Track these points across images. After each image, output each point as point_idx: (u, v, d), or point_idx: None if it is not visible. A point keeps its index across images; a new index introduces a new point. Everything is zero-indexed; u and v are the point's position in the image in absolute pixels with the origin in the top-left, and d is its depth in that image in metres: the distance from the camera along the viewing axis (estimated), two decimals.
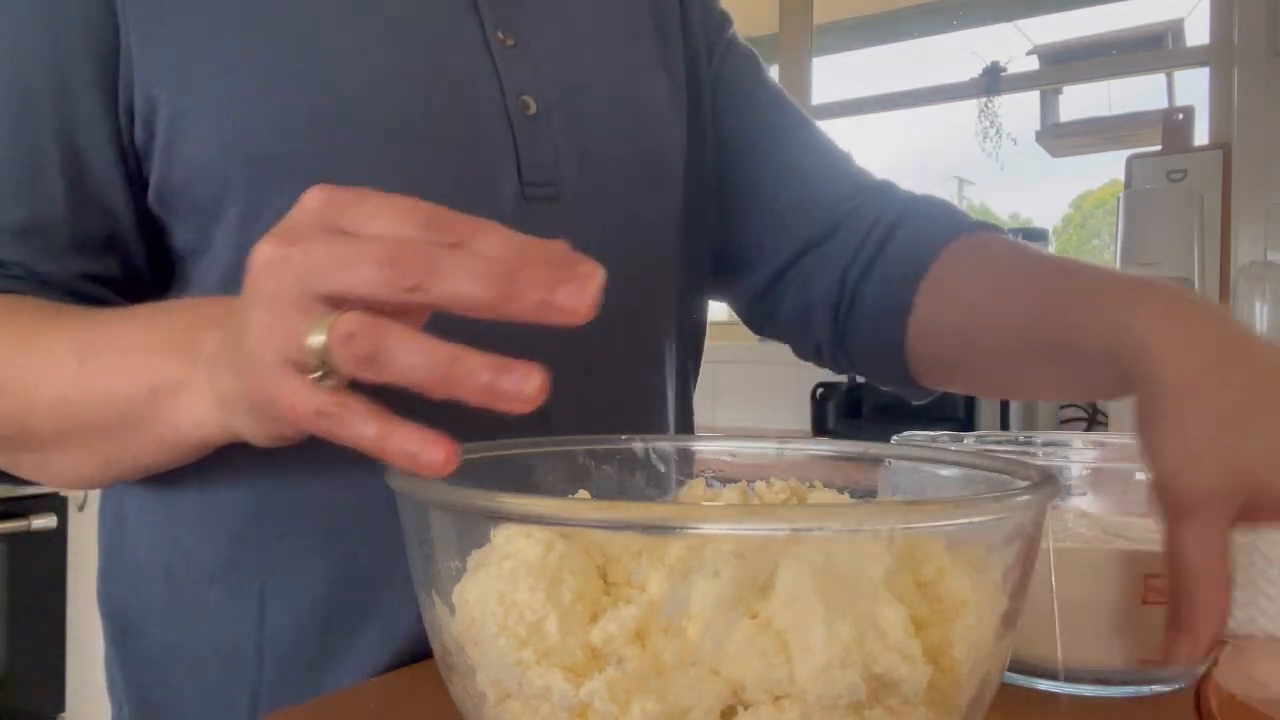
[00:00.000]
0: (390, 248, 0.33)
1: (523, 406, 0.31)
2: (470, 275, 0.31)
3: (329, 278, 0.33)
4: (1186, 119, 1.95)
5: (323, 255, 0.34)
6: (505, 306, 0.31)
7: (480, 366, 0.32)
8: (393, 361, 0.32)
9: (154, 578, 0.58)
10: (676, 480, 0.47)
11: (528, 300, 0.31)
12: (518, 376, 0.31)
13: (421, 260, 0.32)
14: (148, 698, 0.59)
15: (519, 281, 0.31)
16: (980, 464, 0.40)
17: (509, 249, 0.33)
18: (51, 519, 1.83)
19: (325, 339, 0.33)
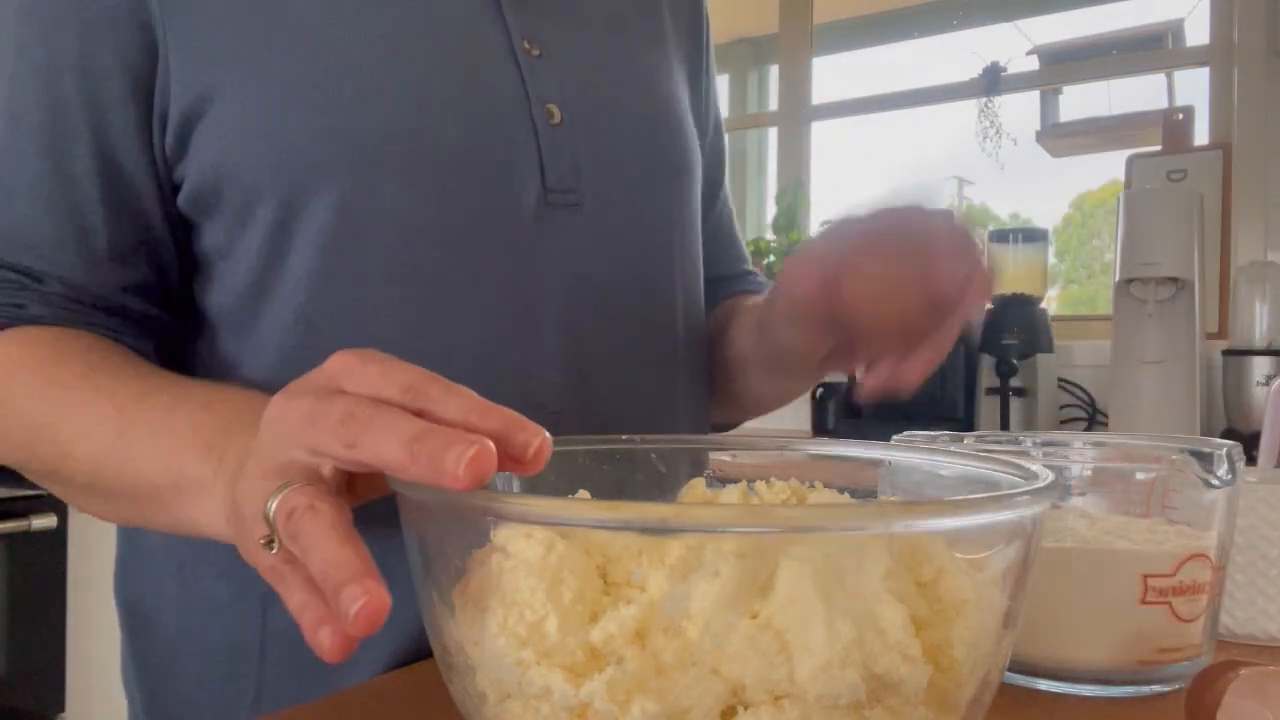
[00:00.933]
0: (350, 407, 0.34)
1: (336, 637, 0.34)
2: (392, 437, 0.33)
3: (303, 434, 0.35)
4: (1186, 119, 1.95)
5: (301, 415, 0.36)
6: (409, 469, 0.32)
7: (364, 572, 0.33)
8: (310, 551, 0.34)
9: (167, 572, 0.59)
10: (676, 480, 0.47)
11: (420, 464, 0.32)
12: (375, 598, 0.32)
13: (364, 420, 0.34)
14: (159, 690, 0.60)
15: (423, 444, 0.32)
16: (980, 464, 0.40)
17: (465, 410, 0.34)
18: (51, 519, 1.83)
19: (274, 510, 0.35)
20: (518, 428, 0.34)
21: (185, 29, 0.54)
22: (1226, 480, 0.46)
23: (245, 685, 0.56)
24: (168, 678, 0.60)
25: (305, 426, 0.35)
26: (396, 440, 0.33)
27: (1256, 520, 0.54)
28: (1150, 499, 0.49)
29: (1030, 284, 1.88)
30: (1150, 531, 0.48)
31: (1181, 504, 0.48)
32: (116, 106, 0.54)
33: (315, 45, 0.55)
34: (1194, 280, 1.61)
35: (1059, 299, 2.59)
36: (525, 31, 0.61)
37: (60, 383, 0.52)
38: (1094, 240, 2.79)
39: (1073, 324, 2.12)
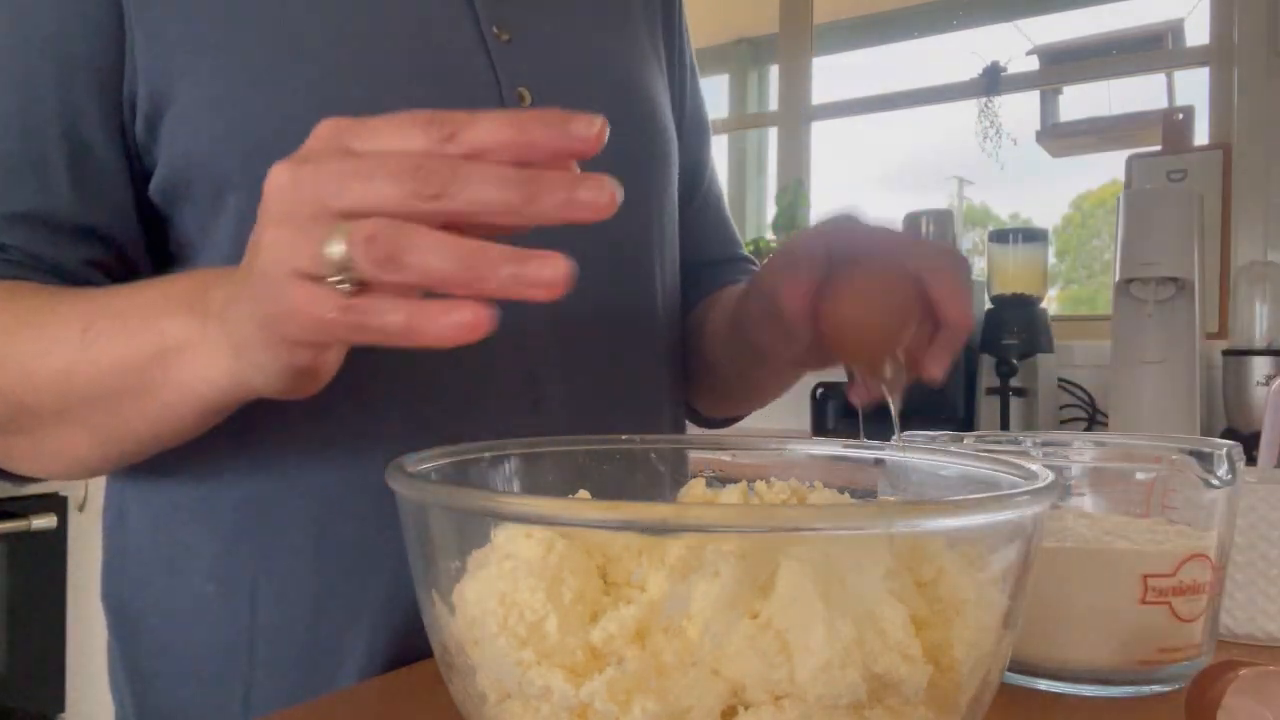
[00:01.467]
0: (411, 158, 0.33)
1: (548, 294, 0.32)
2: (493, 181, 0.32)
3: (347, 192, 0.34)
4: (1186, 119, 1.95)
5: (338, 172, 0.34)
6: (529, 208, 0.31)
7: (503, 258, 0.32)
8: (415, 259, 0.32)
9: (155, 572, 0.59)
10: (676, 480, 0.47)
11: (552, 200, 0.31)
12: (540, 263, 0.32)
13: (443, 169, 0.32)
14: (147, 691, 0.60)
15: (542, 183, 0.31)
16: (980, 464, 0.40)
17: (510, 127, 0.33)
18: (51, 519, 1.83)
19: (345, 246, 0.33)
20: (565, 119, 0.32)
21: (152, 15, 0.54)
22: (1226, 480, 0.46)
23: (234, 684, 0.56)
24: (157, 679, 0.59)
25: (355, 183, 0.33)
26: (502, 182, 0.31)
27: (1256, 520, 0.54)
28: (1150, 499, 0.49)
29: (1030, 284, 1.88)
30: (1150, 531, 0.48)
31: (1181, 504, 0.48)
32: (88, 90, 0.54)
33: (281, 30, 0.55)
34: (1194, 280, 1.61)
35: (1059, 299, 2.59)
36: (494, 17, 0.61)
37: (17, 312, 0.50)
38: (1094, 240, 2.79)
39: (1073, 324, 2.12)
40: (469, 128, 0.33)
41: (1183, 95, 2.10)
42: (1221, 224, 1.89)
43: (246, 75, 0.54)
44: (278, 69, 0.54)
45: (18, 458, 0.53)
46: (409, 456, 0.37)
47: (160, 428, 0.49)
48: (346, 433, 0.55)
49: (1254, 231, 1.87)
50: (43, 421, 0.51)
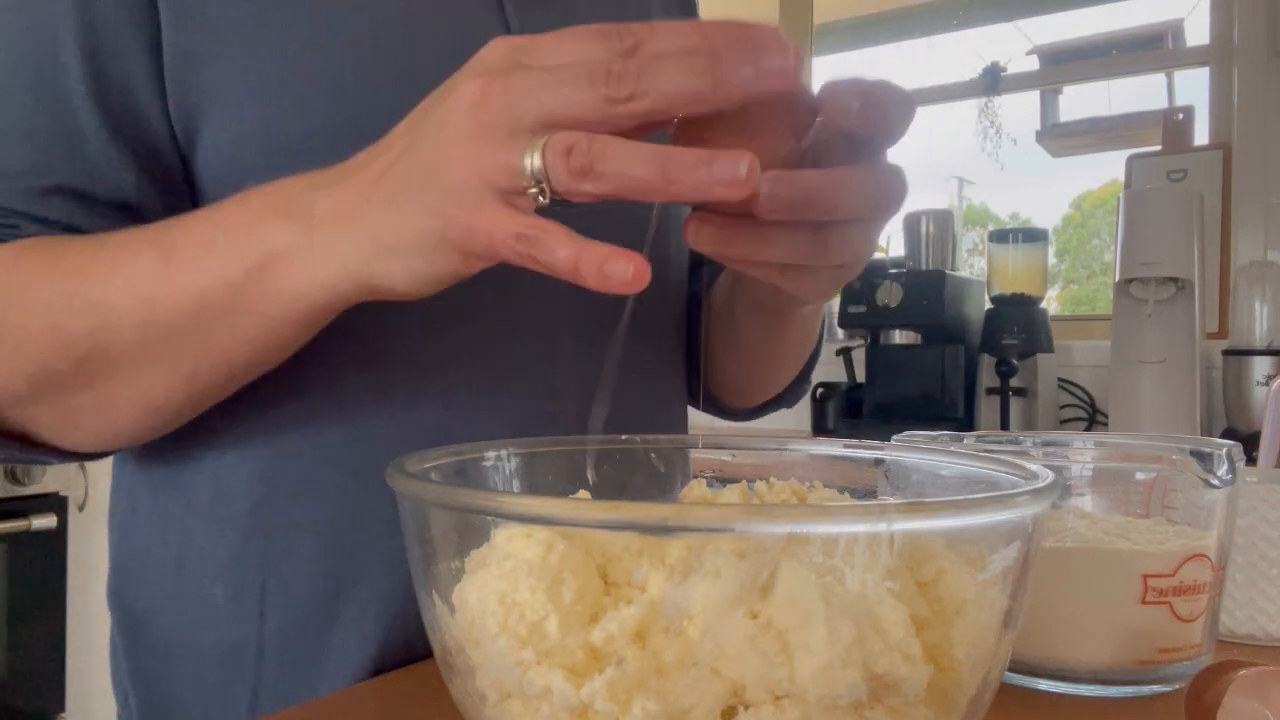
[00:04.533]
0: (599, 65, 0.33)
1: (738, 192, 0.33)
2: (679, 72, 0.32)
3: (539, 103, 0.34)
4: (1186, 119, 1.95)
5: (530, 84, 0.34)
6: (719, 91, 0.32)
7: (693, 161, 0.33)
8: (611, 168, 0.33)
9: (164, 571, 0.59)
10: (676, 480, 0.47)
11: (740, 76, 0.32)
12: (728, 163, 0.32)
13: (630, 70, 0.33)
14: (153, 690, 0.60)
15: (727, 62, 0.32)
16: (980, 464, 0.40)
17: (695, 34, 0.33)
18: (51, 519, 1.83)
19: (540, 157, 0.34)
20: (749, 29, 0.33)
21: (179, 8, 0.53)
22: (1226, 480, 0.46)
23: (241, 688, 0.56)
24: (163, 681, 0.59)
25: (548, 93, 0.34)
26: (689, 70, 0.32)
27: (1256, 520, 0.54)
28: (1150, 499, 0.49)
29: (1030, 284, 1.88)
30: (1150, 531, 0.48)
31: (1181, 504, 0.48)
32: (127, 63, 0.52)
33: (312, 31, 0.54)
34: (1194, 280, 1.61)
35: (1059, 299, 2.59)
36: (523, 24, 0.61)
37: (79, 252, 0.48)
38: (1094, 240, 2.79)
39: (1073, 324, 2.12)
40: (650, 39, 0.34)
41: (1183, 95, 2.11)
42: (1221, 224, 1.89)
43: (271, 74, 0.53)
44: (308, 69, 0.54)
45: (80, 418, 0.50)
46: (409, 456, 0.37)
47: (254, 348, 0.47)
48: (359, 439, 0.55)
49: (1254, 231, 1.87)
50: (118, 363, 0.48)
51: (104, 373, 0.48)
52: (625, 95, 0.33)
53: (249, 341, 0.47)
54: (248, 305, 0.45)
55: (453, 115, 0.37)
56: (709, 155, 0.33)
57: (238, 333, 0.46)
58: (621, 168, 0.33)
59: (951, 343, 1.90)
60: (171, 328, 0.46)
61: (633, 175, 0.34)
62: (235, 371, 0.49)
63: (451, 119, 0.37)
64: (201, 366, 0.48)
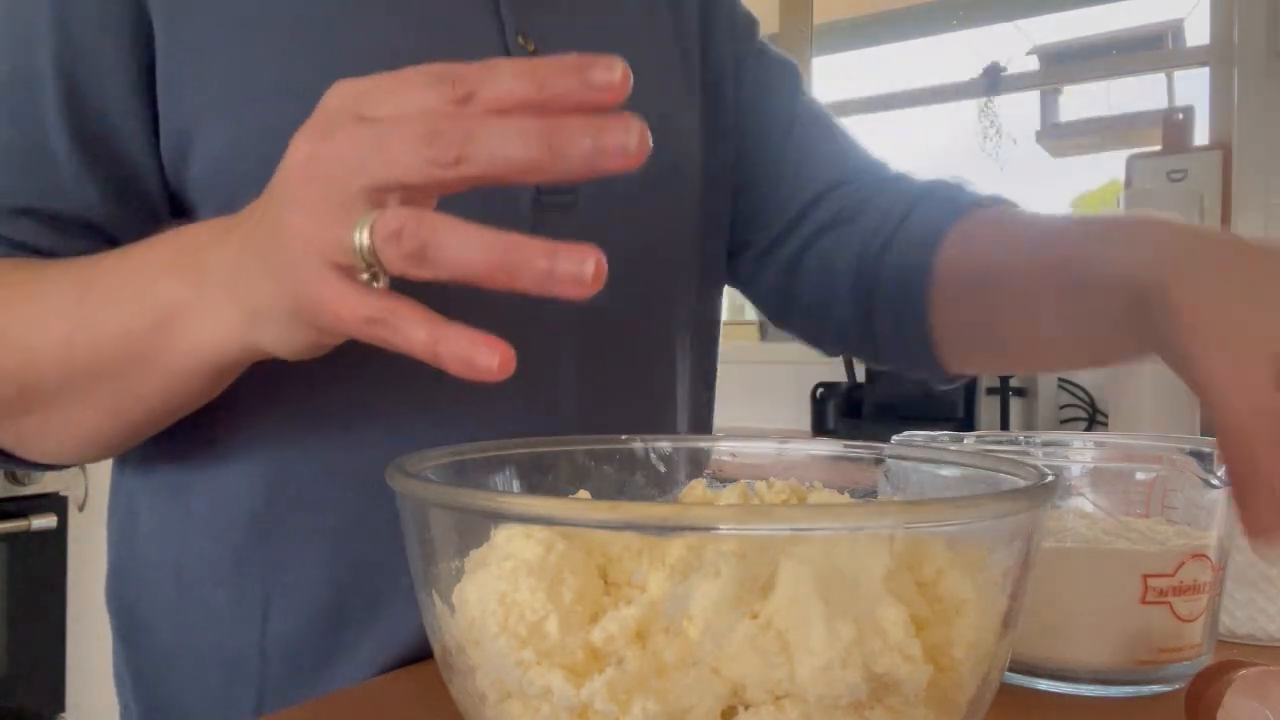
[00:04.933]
0: (424, 124, 0.31)
1: (580, 291, 0.30)
2: (513, 138, 0.30)
3: (363, 167, 0.32)
4: (1186, 119, 1.95)
5: (354, 147, 0.33)
6: (556, 164, 0.30)
7: (537, 253, 0.31)
8: (445, 255, 0.31)
9: (163, 576, 0.58)
10: (676, 480, 0.47)
11: (578, 151, 0.30)
12: (575, 259, 0.30)
13: (459, 130, 0.31)
14: (154, 697, 0.59)
15: (565, 133, 0.30)
16: (980, 464, 0.40)
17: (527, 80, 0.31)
18: (51, 519, 1.83)
19: (369, 237, 0.32)
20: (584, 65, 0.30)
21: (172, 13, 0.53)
22: (1226, 480, 0.46)
23: (245, 694, 0.56)
24: (164, 687, 0.59)
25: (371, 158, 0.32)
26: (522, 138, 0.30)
27: None
28: (1150, 499, 0.49)
29: None
30: (1150, 531, 0.48)
31: (1181, 504, 0.48)
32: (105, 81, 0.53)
33: (299, 34, 0.54)
34: None
35: None
36: (521, 25, 0.60)
37: (8, 287, 0.48)
38: None
39: None
40: (485, 84, 0.31)
41: (1183, 95, 2.10)
42: (1221, 224, 1.89)
43: (262, 82, 0.53)
44: (298, 75, 0.53)
45: (29, 440, 0.52)
46: (409, 456, 0.37)
47: (169, 394, 0.47)
48: (360, 448, 0.55)
49: (1254, 231, 1.87)
50: (49, 398, 0.49)
51: (38, 404, 0.49)
52: (451, 159, 0.31)
53: (164, 388, 0.47)
54: (153, 356, 0.45)
55: (286, 182, 0.35)
56: (552, 248, 0.30)
57: (151, 379, 0.46)
58: (457, 255, 0.31)
59: None
60: (89, 370, 0.47)
61: (469, 263, 0.31)
62: (158, 414, 0.50)
63: (285, 186, 0.35)
64: (125, 405, 0.48)
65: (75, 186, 0.53)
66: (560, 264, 0.30)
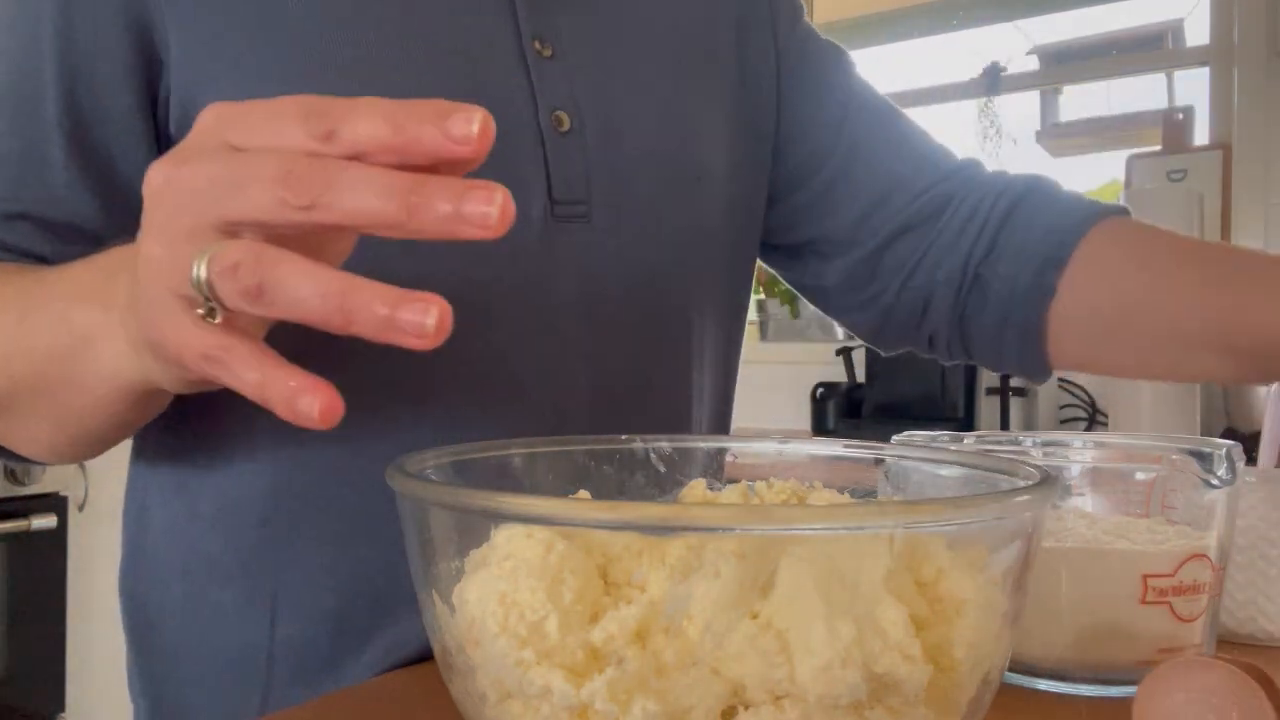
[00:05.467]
0: (282, 163, 0.30)
1: (421, 343, 0.29)
2: (371, 189, 0.29)
3: (219, 203, 0.31)
4: (1186, 119, 1.95)
5: (210, 177, 0.31)
6: (410, 222, 0.29)
7: (376, 298, 0.29)
8: (281, 294, 0.30)
9: (173, 575, 0.59)
10: (676, 480, 0.47)
11: (434, 213, 0.28)
12: (417, 309, 0.29)
13: (316, 176, 0.30)
14: (163, 695, 0.59)
15: (424, 194, 0.28)
16: (980, 464, 0.40)
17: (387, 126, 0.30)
18: (51, 519, 1.83)
19: (206, 271, 0.31)
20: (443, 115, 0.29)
21: (184, 20, 0.53)
22: (1226, 480, 0.46)
23: (251, 694, 0.56)
24: (172, 684, 0.59)
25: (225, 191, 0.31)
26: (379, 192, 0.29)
27: (1256, 520, 0.54)
28: (1150, 499, 0.49)
29: None
30: (1150, 531, 0.48)
31: (1181, 504, 0.48)
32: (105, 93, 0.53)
33: (310, 44, 0.53)
34: None
35: None
36: (537, 29, 0.59)
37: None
38: None
39: None
40: (347, 123, 0.30)
41: (1183, 95, 2.10)
42: (1221, 224, 1.89)
43: (272, 86, 0.53)
44: (306, 83, 0.53)
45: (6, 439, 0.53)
46: (409, 456, 0.37)
47: (103, 414, 0.47)
48: (370, 454, 0.54)
49: (1254, 231, 1.87)
50: (3, 408, 0.50)
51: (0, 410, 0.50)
52: (305, 203, 0.29)
53: (95, 409, 0.47)
54: (77, 379, 0.45)
55: (145, 206, 0.34)
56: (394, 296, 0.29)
57: (81, 399, 0.46)
58: (296, 295, 0.29)
59: None
60: (29, 387, 0.47)
61: (307, 306, 0.30)
62: (105, 430, 0.49)
63: (145, 212, 0.34)
64: (68, 421, 0.49)
65: (70, 195, 0.53)
66: (401, 312, 0.29)
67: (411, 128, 0.29)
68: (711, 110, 0.68)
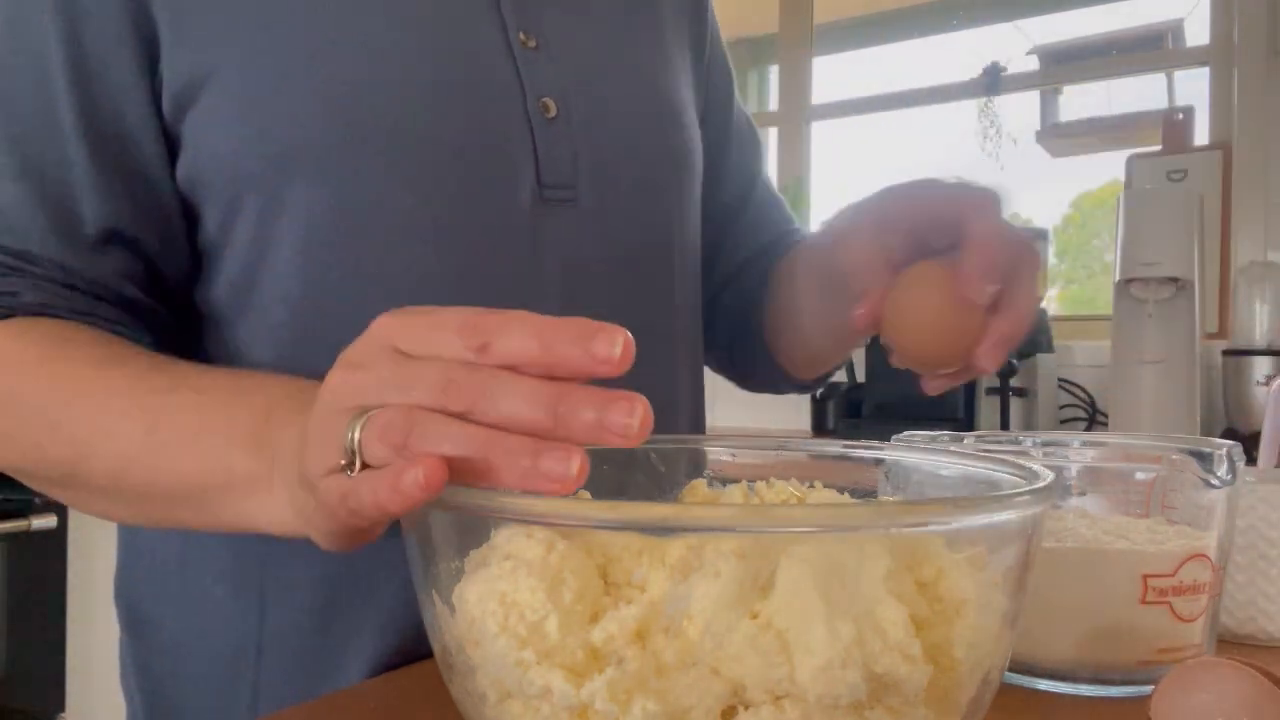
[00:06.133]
0: (444, 373, 0.33)
1: (561, 489, 0.31)
2: (522, 400, 0.32)
3: (383, 400, 0.34)
4: (1186, 119, 1.95)
5: (380, 380, 0.35)
6: (557, 430, 0.31)
7: (518, 450, 0.32)
8: (427, 446, 0.32)
9: (167, 571, 0.59)
10: (676, 480, 0.47)
11: (579, 421, 0.31)
12: (557, 458, 0.31)
13: (474, 386, 0.32)
14: (158, 691, 0.60)
15: (571, 403, 0.31)
16: (980, 464, 0.40)
17: (537, 342, 0.33)
18: (51, 519, 1.83)
19: (359, 431, 0.34)
20: (589, 336, 0.32)
21: (176, 10, 0.53)
22: (1226, 480, 0.46)
23: (242, 688, 0.56)
24: (168, 680, 0.59)
25: (393, 393, 0.34)
26: (529, 401, 0.31)
27: (1256, 520, 0.54)
28: (1150, 499, 0.49)
29: None
30: (1150, 531, 0.48)
31: (1181, 504, 0.48)
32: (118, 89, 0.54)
33: (305, 37, 0.54)
34: (1194, 280, 1.61)
35: (1059, 299, 2.59)
36: (522, 23, 0.61)
37: (73, 378, 0.50)
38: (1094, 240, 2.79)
39: (1073, 324, 2.12)
40: (500, 337, 0.33)
41: (1183, 95, 2.10)
42: (1221, 224, 1.89)
43: (266, 79, 0.53)
44: (302, 76, 0.54)
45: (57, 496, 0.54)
46: None
47: (206, 528, 0.49)
48: None
49: (1254, 231, 1.87)
50: (91, 491, 0.51)
51: (79, 490, 0.52)
52: (462, 409, 0.32)
53: (204, 527, 0.49)
54: (207, 508, 0.47)
55: (320, 397, 0.37)
56: (535, 449, 0.31)
57: (197, 518, 0.48)
58: (437, 446, 0.32)
59: None
60: (141, 491, 0.49)
61: (451, 454, 0.32)
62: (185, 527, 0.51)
63: (319, 400, 0.37)
64: (161, 520, 0.51)
65: (93, 194, 0.53)
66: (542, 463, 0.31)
67: (559, 348, 0.32)
68: (686, 89, 0.72)
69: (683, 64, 0.73)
